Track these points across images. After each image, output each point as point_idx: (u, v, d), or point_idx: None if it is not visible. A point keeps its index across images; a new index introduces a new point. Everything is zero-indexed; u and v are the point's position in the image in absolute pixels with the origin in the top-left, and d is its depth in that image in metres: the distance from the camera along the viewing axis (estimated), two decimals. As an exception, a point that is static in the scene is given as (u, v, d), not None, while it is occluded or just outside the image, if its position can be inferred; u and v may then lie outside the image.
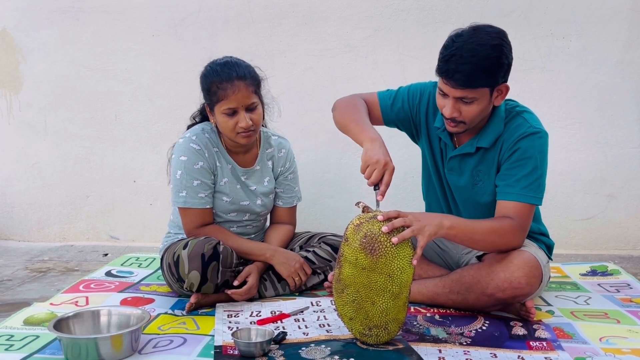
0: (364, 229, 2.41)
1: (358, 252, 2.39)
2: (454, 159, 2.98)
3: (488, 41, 2.64)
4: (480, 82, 2.65)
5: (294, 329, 2.72)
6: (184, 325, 2.79)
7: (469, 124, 2.78)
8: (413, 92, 3.10)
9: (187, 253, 2.90)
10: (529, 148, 2.79)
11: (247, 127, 3.01)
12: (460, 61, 2.62)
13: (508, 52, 2.70)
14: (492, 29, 2.71)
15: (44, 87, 4.49)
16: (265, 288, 3.18)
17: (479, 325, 2.75)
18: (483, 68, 2.62)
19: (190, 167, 3.09)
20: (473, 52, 2.62)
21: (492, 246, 2.78)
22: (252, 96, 3.04)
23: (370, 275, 2.39)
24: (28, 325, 2.78)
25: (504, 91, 2.78)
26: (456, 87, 2.66)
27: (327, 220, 4.29)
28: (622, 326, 2.76)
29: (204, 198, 3.12)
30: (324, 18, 4.23)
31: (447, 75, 2.66)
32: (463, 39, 2.66)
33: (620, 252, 4.17)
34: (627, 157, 4.13)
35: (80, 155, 4.53)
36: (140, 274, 3.64)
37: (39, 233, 4.63)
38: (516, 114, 2.88)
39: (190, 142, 3.12)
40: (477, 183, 2.95)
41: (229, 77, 3.02)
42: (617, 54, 4.07)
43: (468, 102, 2.70)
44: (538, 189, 2.80)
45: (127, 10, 4.35)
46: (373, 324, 2.47)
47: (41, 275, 3.73)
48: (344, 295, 2.47)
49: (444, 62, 2.67)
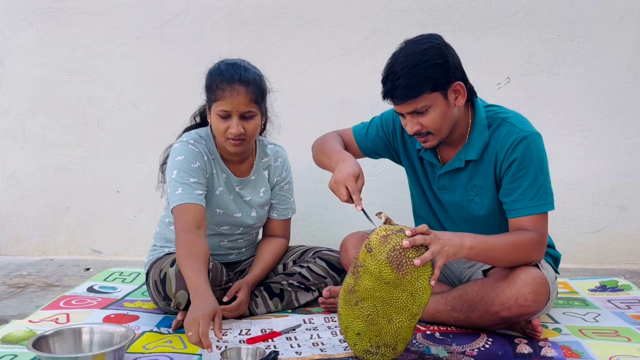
0: (392, 242, 2.39)
1: (383, 265, 2.38)
2: (443, 177, 3.00)
3: (415, 49, 2.72)
4: (421, 90, 2.70)
5: (286, 348, 2.72)
6: (171, 344, 2.79)
7: (437, 133, 2.81)
8: (386, 118, 3.21)
9: (175, 271, 2.90)
10: (525, 155, 2.79)
11: (236, 135, 3.00)
12: (394, 77, 2.71)
13: (442, 52, 2.74)
14: (420, 37, 2.80)
15: (22, 92, 4.50)
16: (256, 305, 3.18)
17: (482, 344, 2.75)
18: (416, 75, 2.68)
19: (187, 165, 3.06)
20: (403, 65, 2.70)
21: (513, 262, 2.78)
22: (250, 105, 3.02)
23: (392, 291, 2.40)
24: (5, 344, 2.78)
25: (462, 90, 2.79)
26: (401, 103, 2.76)
27: (321, 233, 4.30)
28: (633, 345, 2.76)
29: (200, 195, 3.04)
30: (318, 19, 4.25)
31: (389, 96, 2.77)
32: (394, 57, 2.77)
33: (632, 266, 4.18)
34: (639, 166, 4.14)
35: (61, 164, 4.53)
36: (124, 290, 3.64)
37: (17, 246, 4.63)
38: (502, 120, 2.88)
39: (188, 144, 3.11)
40: (473, 198, 2.96)
41: (230, 79, 3.02)
42: (627, 57, 4.09)
43: (422, 113, 2.75)
44: (546, 194, 2.81)
45: (110, 11, 4.37)
46: (383, 342, 2.47)
47: (19, 291, 3.73)
48: (356, 308, 2.46)
49: (383, 85, 2.79)
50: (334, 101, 4.30)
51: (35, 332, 2.87)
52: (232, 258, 3.39)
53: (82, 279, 3.95)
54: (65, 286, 3.80)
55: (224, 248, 3.34)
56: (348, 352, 2.61)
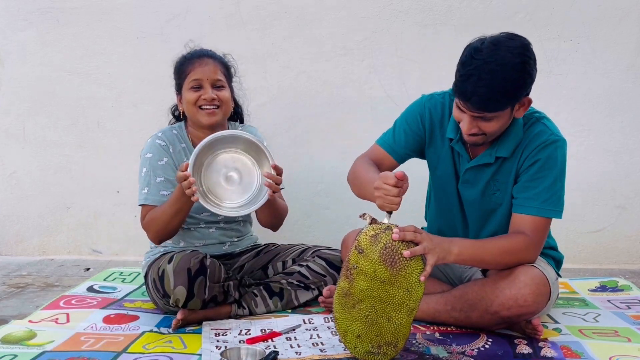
0: (383, 240, 2.40)
1: (377, 264, 2.38)
2: (469, 171, 2.96)
3: (510, 60, 2.55)
4: (501, 105, 2.61)
5: (286, 348, 2.73)
6: (171, 344, 2.79)
7: (489, 137, 2.76)
8: (409, 115, 3.07)
9: (173, 267, 2.91)
10: (550, 159, 2.79)
11: (209, 100, 3.16)
12: (479, 83, 2.54)
13: (531, 69, 2.63)
14: (514, 43, 2.61)
15: (22, 92, 4.50)
16: (255, 304, 3.19)
17: (482, 344, 2.76)
18: (503, 91, 2.57)
19: (155, 163, 3.22)
20: (493, 74, 2.54)
21: (504, 266, 2.79)
22: (219, 74, 3.26)
23: (388, 289, 2.40)
24: (5, 344, 2.78)
25: (527, 104, 2.74)
26: (473, 110, 2.63)
27: (321, 233, 4.30)
28: (633, 345, 2.77)
29: (165, 196, 3.17)
30: (318, 19, 4.25)
31: (464, 97, 2.62)
32: (482, 56, 2.56)
33: (632, 266, 4.18)
34: (639, 167, 4.15)
35: (61, 164, 4.53)
36: (124, 290, 3.65)
37: (17, 246, 4.63)
38: (536, 120, 2.87)
39: (156, 138, 3.27)
40: (495, 192, 2.94)
41: (198, 54, 3.31)
42: (627, 57, 4.10)
43: (487, 120, 2.67)
44: (558, 202, 2.81)
45: (110, 11, 4.37)
46: (384, 341, 2.47)
47: (19, 291, 3.73)
48: (354, 311, 2.45)
49: (461, 82, 2.61)
50: (334, 101, 4.30)
51: (35, 332, 2.88)
52: (225, 249, 3.40)
53: (82, 279, 3.95)
54: (65, 286, 3.81)
55: (214, 237, 3.36)
56: (348, 353, 2.61)
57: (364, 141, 4.20)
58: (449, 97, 3.00)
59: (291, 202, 3.44)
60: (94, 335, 2.91)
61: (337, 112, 4.30)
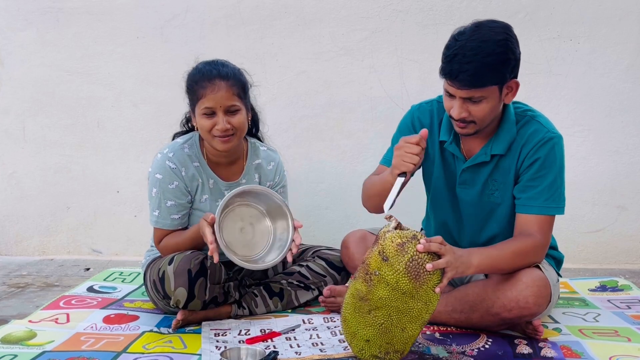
0: (410, 252, 2.37)
1: (401, 275, 2.35)
2: (466, 172, 2.97)
3: (492, 37, 2.64)
4: (487, 81, 2.65)
5: (286, 348, 2.73)
6: (171, 344, 2.79)
7: (479, 124, 2.77)
8: (404, 127, 3.10)
9: (173, 269, 2.91)
10: (549, 156, 2.81)
11: (223, 130, 2.99)
12: (464, 60, 2.61)
13: (514, 47, 2.70)
14: (495, 24, 2.71)
15: (22, 92, 4.50)
16: (255, 304, 3.19)
17: (482, 344, 2.76)
18: (488, 65, 2.62)
19: (165, 186, 3.10)
20: (476, 50, 2.61)
21: (515, 268, 2.79)
22: (233, 98, 3.02)
23: (408, 301, 2.38)
24: (5, 344, 2.78)
25: (514, 88, 2.78)
26: (462, 88, 2.66)
27: (321, 233, 4.29)
28: (633, 344, 2.77)
29: (176, 220, 3.14)
30: (318, 19, 4.25)
31: (451, 76, 2.67)
32: (465, 37, 2.66)
33: (632, 266, 4.18)
34: (639, 166, 4.15)
35: (61, 164, 4.53)
36: (124, 290, 3.65)
37: (17, 246, 4.63)
38: (530, 118, 2.89)
39: (166, 159, 3.12)
40: (493, 192, 2.94)
41: (209, 76, 3.02)
42: (627, 57, 4.10)
43: (476, 102, 2.69)
44: (560, 198, 2.84)
45: (110, 11, 4.37)
46: (393, 349, 2.46)
47: (19, 291, 3.73)
48: (369, 317, 2.43)
49: (446, 63, 2.68)
50: (334, 101, 4.30)
51: (35, 332, 2.88)
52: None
53: (82, 279, 3.95)
54: (65, 286, 3.81)
55: None
56: (348, 352, 2.61)
57: (364, 141, 4.23)
58: (436, 104, 3.03)
59: (291, 202, 3.43)
60: (94, 335, 2.90)
61: (337, 112, 4.30)
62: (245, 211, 3.11)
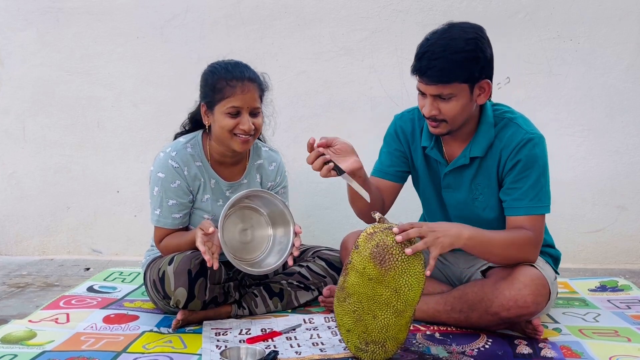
0: (377, 238, 2.43)
1: (367, 261, 2.41)
2: (449, 175, 3.00)
3: (461, 35, 2.71)
4: (454, 77, 2.69)
5: (286, 348, 2.73)
6: (171, 344, 2.79)
7: (451, 123, 2.80)
8: (389, 137, 3.19)
9: (173, 269, 2.91)
10: (530, 157, 2.81)
11: (248, 130, 3.01)
12: (432, 57, 2.68)
13: (484, 47, 2.74)
14: (467, 25, 2.78)
15: (21, 92, 4.50)
16: (255, 304, 3.19)
17: (482, 344, 2.76)
18: (455, 62, 2.67)
19: (167, 185, 3.10)
20: (445, 47, 2.68)
21: (507, 260, 2.82)
22: (258, 100, 3.08)
23: (375, 287, 2.41)
24: (5, 344, 2.78)
25: (487, 88, 2.80)
26: (430, 83, 2.72)
27: (321, 233, 4.29)
28: (633, 345, 2.77)
29: (177, 219, 3.14)
30: (318, 19, 4.25)
31: (420, 72, 2.73)
32: (436, 35, 2.74)
33: (632, 266, 4.18)
34: (639, 166, 4.15)
35: (61, 164, 4.53)
36: (124, 290, 3.65)
37: (17, 246, 4.63)
38: (508, 120, 2.90)
39: (169, 158, 3.12)
40: (478, 197, 2.97)
41: (240, 76, 3.05)
42: (627, 57, 4.10)
43: (446, 99, 2.74)
44: (545, 197, 2.84)
45: (110, 11, 4.37)
46: (371, 339, 2.47)
47: (19, 291, 3.73)
48: (345, 304, 2.48)
49: (417, 60, 2.75)
50: (334, 101, 4.30)
51: (35, 332, 2.88)
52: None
53: (82, 278, 3.95)
54: (65, 286, 3.81)
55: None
56: (347, 352, 2.61)
57: (364, 141, 4.20)
58: (417, 112, 3.06)
59: (291, 202, 3.44)
60: (94, 335, 2.90)
61: (337, 112, 4.30)
62: (247, 213, 3.12)
